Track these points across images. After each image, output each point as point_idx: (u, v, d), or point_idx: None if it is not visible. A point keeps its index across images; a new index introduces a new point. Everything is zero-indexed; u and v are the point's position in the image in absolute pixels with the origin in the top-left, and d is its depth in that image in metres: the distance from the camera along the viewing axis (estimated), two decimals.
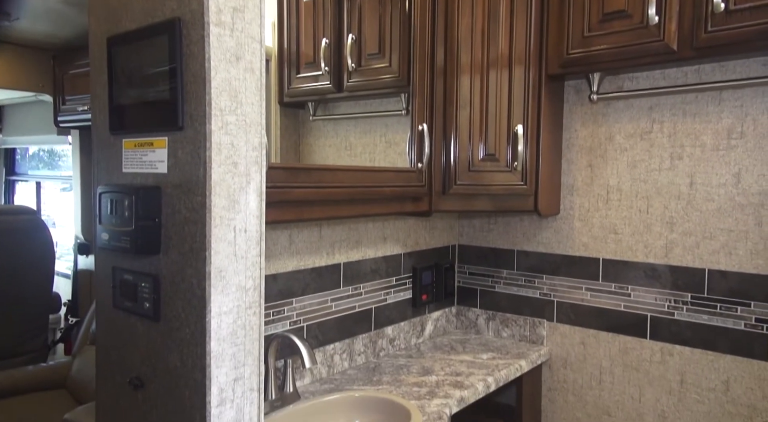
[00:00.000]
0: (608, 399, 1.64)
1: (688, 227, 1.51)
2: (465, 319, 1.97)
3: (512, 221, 1.84)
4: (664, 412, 1.54)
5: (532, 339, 1.81)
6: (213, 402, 0.83)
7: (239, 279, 0.85)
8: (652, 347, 1.56)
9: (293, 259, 1.44)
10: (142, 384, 0.90)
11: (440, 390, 1.44)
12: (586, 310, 1.69)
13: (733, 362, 1.44)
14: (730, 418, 1.44)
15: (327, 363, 1.54)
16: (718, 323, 1.46)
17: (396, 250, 1.76)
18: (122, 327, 0.94)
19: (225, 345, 0.84)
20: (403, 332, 1.79)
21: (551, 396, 1.77)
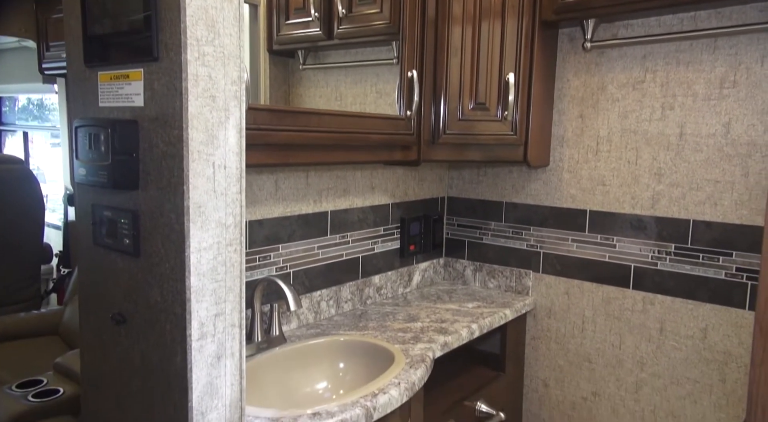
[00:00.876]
0: (589, 346, 1.68)
1: (675, 178, 1.51)
2: (452, 270, 1.99)
3: (501, 173, 1.84)
4: (642, 358, 1.58)
5: (518, 289, 1.83)
6: (194, 335, 0.83)
7: (219, 215, 0.85)
8: (635, 296, 1.59)
9: (279, 205, 1.44)
10: (124, 319, 0.91)
11: (425, 335, 1.47)
12: (571, 261, 1.70)
13: (711, 310, 1.46)
14: (706, 364, 1.47)
15: (314, 309, 1.56)
16: (700, 273, 1.48)
17: (384, 200, 1.75)
18: (103, 264, 0.94)
19: (205, 281, 0.84)
20: (390, 281, 1.81)
21: (534, 344, 1.80)
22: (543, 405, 1.79)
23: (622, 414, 1.63)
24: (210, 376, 0.86)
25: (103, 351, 0.96)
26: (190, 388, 0.84)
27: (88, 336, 1.00)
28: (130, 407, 0.93)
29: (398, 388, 1.16)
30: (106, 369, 0.97)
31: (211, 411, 0.87)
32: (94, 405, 1.01)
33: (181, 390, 0.84)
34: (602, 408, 1.67)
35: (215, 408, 0.87)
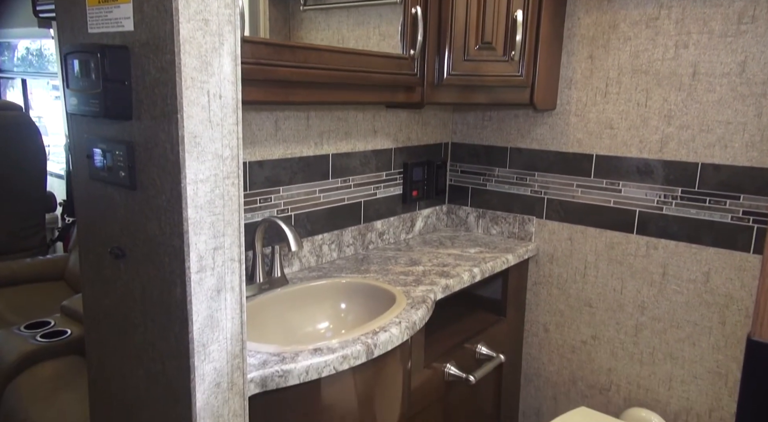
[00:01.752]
0: (591, 291, 1.69)
1: (685, 120, 1.47)
2: (455, 217, 1.98)
3: (507, 117, 1.80)
4: (643, 302, 1.59)
5: (521, 235, 1.83)
6: (193, 268, 0.83)
7: (215, 147, 0.83)
8: (638, 241, 1.58)
9: (280, 147, 1.42)
10: (123, 253, 0.91)
11: (426, 278, 1.47)
12: (575, 207, 1.69)
13: (715, 254, 1.46)
14: (707, 307, 1.48)
15: (316, 252, 1.56)
16: (706, 217, 1.46)
17: (387, 145, 1.73)
18: (100, 198, 0.92)
19: (203, 214, 0.83)
20: (393, 227, 1.80)
21: (536, 289, 1.81)
22: (543, 349, 1.81)
23: (621, 356, 1.65)
24: (210, 309, 0.87)
25: (104, 286, 0.97)
26: (190, 320, 0.84)
27: (89, 271, 1.00)
28: (131, 340, 0.94)
29: (399, 327, 1.17)
30: (107, 303, 0.97)
31: (212, 343, 0.87)
32: (96, 338, 1.02)
33: (182, 321, 0.85)
34: (601, 351, 1.69)
35: (216, 341, 0.88)
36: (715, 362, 1.48)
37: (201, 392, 0.87)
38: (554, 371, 1.80)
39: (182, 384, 0.87)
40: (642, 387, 1.61)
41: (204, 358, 0.86)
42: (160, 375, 0.90)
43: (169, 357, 0.88)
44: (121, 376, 0.97)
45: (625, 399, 1.65)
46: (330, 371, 1.04)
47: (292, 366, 1.00)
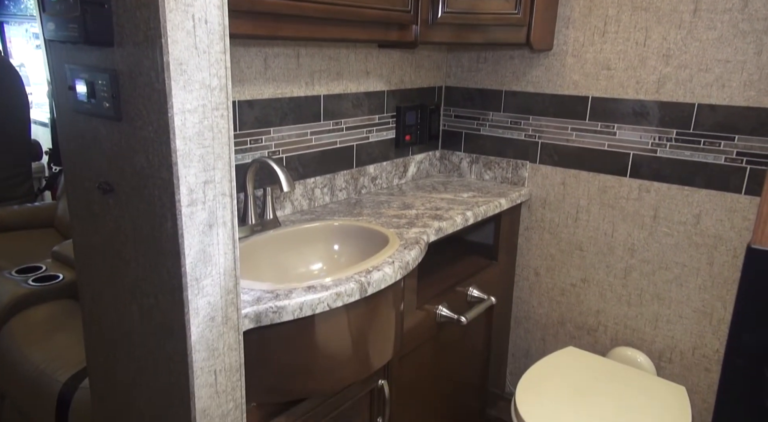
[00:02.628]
0: (582, 235, 1.70)
1: (684, 59, 1.44)
2: (448, 163, 1.96)
3: (502, 59, 1.75)
4: (633, 245, 1.60)
5: (514, 180, 1.82)
6: (183, 201, 0.82)
7: (203, 76, 0.80)
8: (631, 184, 1.58)
9: (269, 86, 1.38)
10: (112, 188, 0.89)
11: (419, 221, 1.47)
12: (569, 151, 1.68)
13: (707, 196, 1.46)
14: (696, 248, 1.50)
15: (308, 196, 1.54)
16: (699, 159, 1.46)
17: (379, 87, 1.69)
18: (84, 131, 0.90)
19: (192, 146, 0.81)
20: (385, 172, 1.79)
21: (527, 234, 1.82)
22: (533, 292, 1.84)
23: (609, 298, 1.68)
24: (202, 244, 0.86)
25: (93, 222, 0.95)
26: (182, 254, 0.83)
27: (77, 209, 0.98)
28: (123, 275, 0.93)
29: (392, 266, 1.17)
30: (97, 240, 0.96)
31: (206, 277, 0.87)
32: (88, 275, 1.02)
33: (174, 255, 0.84)
34: (590, 294, 1.72)
35: (209, 275, 0.88)
36: (701, 301, 1.51)
37: (195, 325, 0.87)
38: (543, 313, 1.83)
39: (176, 318, 0.87)
40: (629, 327, 1.65)
41: (198, 292, 0.86)
42: (154, 310, 0.90)
43: (162, 291, 0.88)
44: (115, 311, 0.97)
45: (612, 339, 1.69)
46: (324, 308, 1.04)
47: (286, 303, 1.00)
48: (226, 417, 0.95)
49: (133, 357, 0.97)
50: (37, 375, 1.45)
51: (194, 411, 0.90)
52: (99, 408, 1.10)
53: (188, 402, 0.90)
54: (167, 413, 0.94)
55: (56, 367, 1.46)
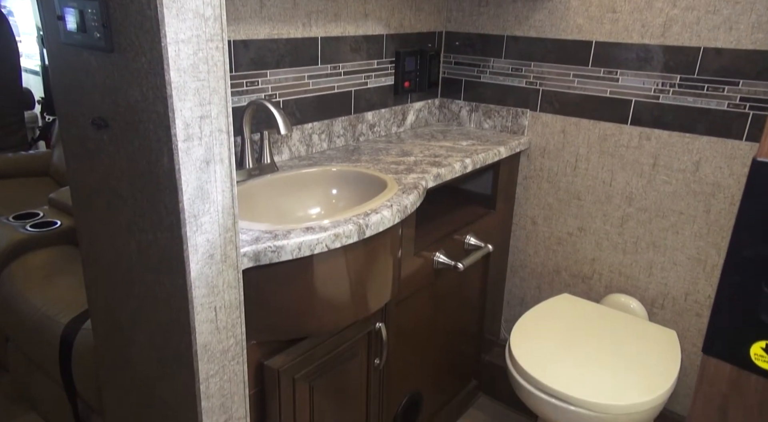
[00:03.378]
0: (580, 184, 1.70)
1: (692, 0, 1.40)
2: (447, 112, 1.94)
3: (504, 2, 1.70)
4: (631, 194, 1.60)
5: (514, 129, 1.80)
6: (179, 136, 0.80)
7: (195, 4, 0.77)
8: (631, 132, 1.57)
9: (265, 26, 1.34)
10: (106, 123, 0.88)
11: (418, 167, 1.46)
12: (570, 98, 1.65)
13: (708, 143, 1.45)
14: (693, 196, 1.50)
15: (305, 142, 1.53)
16: (702, 105, 1.44)
17: (378, 30, 1.64)
18: (76, 65, 0.87)
19: (186, 78, 0.79)
20: (384, 119, 1.76)
21: (526, 184, 1.82)
22: (529, 241, 1.86)
23: (605, 246, 1.69)
24: (200, 180, 0.85)
25: (89, 159, 0.94)
26: (180, 190, 0.83)
27: (72, 146, 0.97)
28: (121, 213, 0.93)
29: (390, 210, 1.17)
30: (93, 177, 0.95)
31: (204, 214, 0.87)
32: (85, 213, 1.02)
33: (171, 191, 0.83)
34: (586, 242, 1.73)
35: (207, 213, 0.87)
36: (696, 249, 1.52)
37: (195, 262, 0.87)
38: (539, 262, 1.85)
39: (175, 255, 0.87)
40: (623, 274, 1.67)
41: (196, 229, 0.86)
42: (152, 247, 0.90)
43: (160, 228, 0.87)
44: (113, 249, 0.98)
45: (606, 286, 1.72)
46: (322, 248, 1.05)
47: (285, 243, 1.01)
48: (226, 353, 0.97)
49: (132, 294, 0.98)
50: (39, 318, 1.47)
51: (195, 345, 0.91)
52: (101, 347, 1.12)
53: (189, 337, 0.91)
54: (169, 348, 0.95)
55: (57, 310, 1.48)
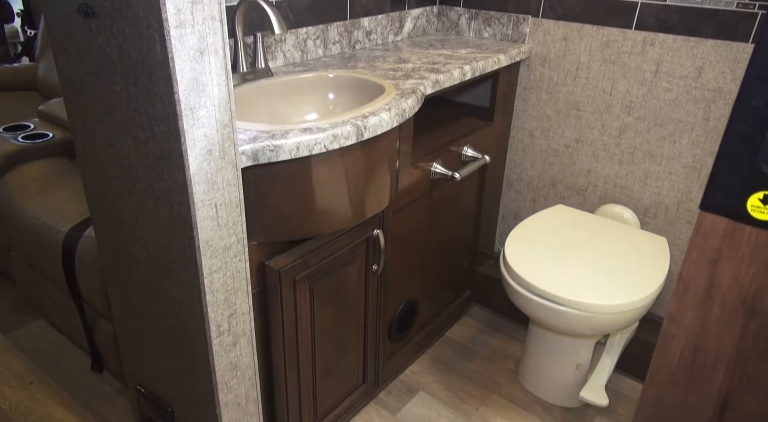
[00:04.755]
0: (580, 94, 1.67)
1: None
2: (446, 20, 1.87)
3: None
4: (631, 102, 1.59)
5: (514, 37, 1.75)
6: (171, 21, 0.77)
7: None
8: (635, 38, 1.52)
9: None
10: (93, 10, 0.84)
11: (416, 73, 1.43)
12: (574, 2, 1.59)
13: (713, 46, 1.42)
14: (694, 103, 1.48)
15: (300, 47, 1.48)
16: (710, 5, 1.39)
17: None
18: None
19: None
20: (381, 26, 1.70)
21: (525, 95, 1.79)
22: (526, 154, 1.85)
23: (602, 157, 1.69)
24: (194, 71, 0.83)
25: (77, 52, 0.91)
26: (174, 80, 0.81)
27: (58, 39, 0.93)
28: (115, 108, 0.91)
29: (389, 113, 1.16)
30: (83, 71, 0.93)
31: (200, 108, 0.85)
32: (78, 112, 1.00)
33: (166, 82, 0.81)
34: (583, 154, 1.73)
35: (203, 106, 0.86)
36: (692, 157, 1.53)
37: (193, 157, 0.87)
38: (535, 175, 1.86)
39: (173, 149, 0.86)
40: (618, 185, 1.69)
41: (193, 123, 0.85)
42: (150, 142, 0.89)
43: (157, 122, 0.86)
44: (110, 148, 0.97)
45: (601, 197, 1.74)
46: (320, 149, 1.04)
47: (283, 142, 1.00)
48: (228, 250, 0.99)
49: (133, 192, 0.98)
50: (39, 227, 1.48)
51: (198, 241, 0.93)
52: (104, 249, 1.14)
53: (192, 233, 0.92)
54: (172, 245, 0.97)
55: (57, 219, 1.48)
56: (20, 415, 1.56)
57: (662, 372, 0.49)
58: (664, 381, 0.49)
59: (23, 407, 1.59)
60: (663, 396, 0.50)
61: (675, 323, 0.46)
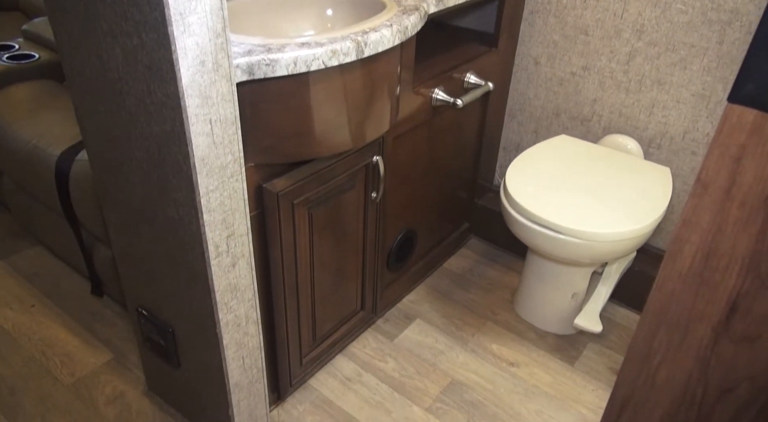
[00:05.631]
0: (590, 17, 1.60)
1: None
2: None
3: None
4: (642, 26, 1.52)
5: None
6: None
7: None
8: None
9: None
10: None
11: None
12: None
13: None
14: (708, 26, 1.42)
15: None
16: None
17: None
18: None
19: None
20: None
21: (531, 19, 1.71)
22: (530, 83, 1.80)
23: (608, 86, 1.64)
24: None
25: None
26: None
27: None
28: (100, 15, 0.86)
29: (390, 29, 1.10)
30: None
31: (191, 14, 0.80)
32: (62, 28, 0.94)
33: None
34: (589, 82, 1.68)
35: (194, 12, 0.81)
36: (702, 84, 1.48)
37: (185, 68, 0.83)
38: (539, 105, 1.81)
39: (164, 58, 0.82)
40: (623, 115, 1.65)
41: (183, 30, 0.80)
42: (139, 52, 0.85)
43: (145, 28, 0.81)
44: (99, 60, 0.92)
45: (605, 128, 1.70)
46: (319, 65, 1.00)
47: (279, 56, 0.95)
48: (225, 169, 0.96)
49: (123, 107, 0.94)
50: (30, 149, 1.45)
51: (193, 158, 0.90)
52: (98, 169, 1.11)
53: (186, 149, 0.89)
54: (167, 163, 0.94)
55: (48, 142, 1.45)
56: (24, 336, 1.59)
57: (671, 279, 0.47)
58: (672, 289, 0.48)
59: (26, 328, 1.61)
60: (670, 303, 0.48)
61: (689, 226, 0.44)
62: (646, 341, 0.51)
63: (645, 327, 0.51)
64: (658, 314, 0.49)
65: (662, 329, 0.50)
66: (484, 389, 1.50)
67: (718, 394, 0.49)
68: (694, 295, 0.46)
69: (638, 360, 0.53)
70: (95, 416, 1.40)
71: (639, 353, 0.53)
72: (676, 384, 0.52)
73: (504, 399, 1.48)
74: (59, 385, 1.47)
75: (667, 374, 0.51)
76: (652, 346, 0.51)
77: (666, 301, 0.48)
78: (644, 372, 0.53)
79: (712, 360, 0.48)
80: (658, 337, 0.51)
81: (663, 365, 0.51)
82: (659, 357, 0.51)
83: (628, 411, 0.57)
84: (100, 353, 1.55)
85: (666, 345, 0.50)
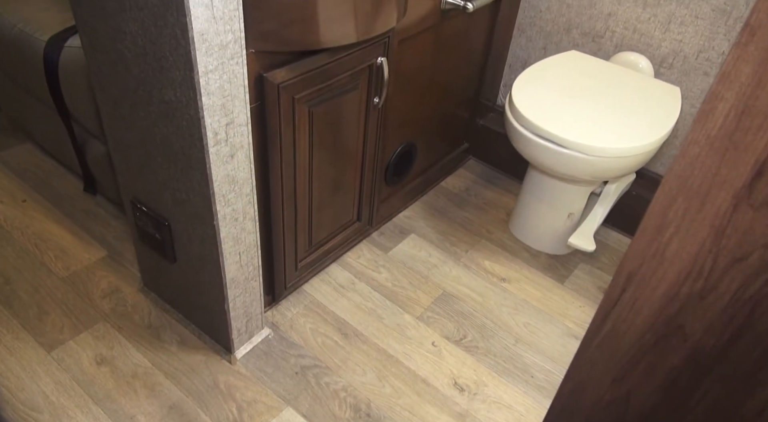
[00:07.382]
0: None
1: None
2: None
3: None
4: None
5: None
6: None
7: None
8: None
9: None
10: None
11: None
12: None
13: None
14: None
15: None
16: None
17: None
18: None
19: None
20: None
21: None
22: None
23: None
24: None
25: None
26: None
27: None
28: None
29: None
30: None
31: None
32: None
33: None
34: None
35: None
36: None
37: None
38: (550, 19, 1.73)
39: None
40: (637, 31, 1.58)
41: None
42: None
43: None
44: None
45: (617, 45, 1.64)
46: None
47: None
48: (225, 49, 0.92)
49: None
50: (17, 35, 1.37)
51: (191, 31, 0.85)
52: (89, 47, 1.05)
53: (184, 20, 0.84)
54: (162, 38, 0.89)
55: (35, 28, 1.37)
56: (16, 229, 1.58)
57: (697, 143, 0.45)
58: (698, 153, 0.46)
59: (18, 221, 1.60)
60: (692, 169, 0.47)
61: (727, 81, 0.42)
62: (662, 212, 0.50)
63: (661, 198, 0.50)
64: (679, 181, 0.48)
65: (680, 198, 0.48)
66: (474, 301, 1.53)
67: (729, 264, 0.49)
68: (720, 159, 0.45)
69: (651, 232, 0.52)
70: (91, 307, 1.41)
71: (652, 225, 0.52)
72: (686, 255, 0.51)
73: (493, 310, 1.51)
74: (54, 277, 1.47)
75: (679, 245, 0.50)
76: (666, 217, 0.50)
77: (688, 167, 0.46)
78: (655, 244, 0.52)
79: (728, 228, 0.47)
80: (674, 207, 0.49)
81: (676, 236, 0.50)
82: (673, 227, 0.50)
83: (631, 288, 0.57)
84: (95, 250, 1.55)
85: (682, 215, 0.49)
